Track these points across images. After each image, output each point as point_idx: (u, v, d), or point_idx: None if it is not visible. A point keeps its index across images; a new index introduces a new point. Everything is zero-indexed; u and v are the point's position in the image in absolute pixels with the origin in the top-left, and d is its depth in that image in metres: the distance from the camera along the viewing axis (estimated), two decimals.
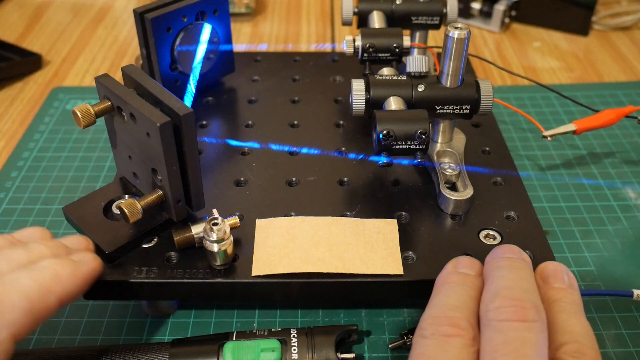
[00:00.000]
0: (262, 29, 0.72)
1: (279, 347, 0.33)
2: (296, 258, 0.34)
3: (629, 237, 0.43)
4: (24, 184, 0.48)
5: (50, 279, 0.28)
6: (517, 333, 0.26)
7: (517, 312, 0.26)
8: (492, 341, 0.26)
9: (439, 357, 0.26)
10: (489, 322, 0.27)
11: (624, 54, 0.66)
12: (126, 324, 0.38)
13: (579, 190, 0.47)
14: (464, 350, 0.26)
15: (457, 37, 0.36)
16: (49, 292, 0.28)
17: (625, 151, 0.51)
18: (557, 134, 0.44)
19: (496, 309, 0.27)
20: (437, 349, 0.26)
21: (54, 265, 0.29)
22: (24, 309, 0.27)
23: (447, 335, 0.27)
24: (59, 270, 0.29)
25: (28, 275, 0.28)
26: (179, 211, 0.35)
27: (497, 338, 0.26)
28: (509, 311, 0.26)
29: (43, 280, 0.28)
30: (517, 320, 0.26)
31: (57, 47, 0.67)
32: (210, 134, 0.46)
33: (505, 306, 0.27)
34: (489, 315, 0.27)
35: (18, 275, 0.28)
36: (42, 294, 0.28)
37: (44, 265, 0.29)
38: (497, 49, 0.67)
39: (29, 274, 0.28)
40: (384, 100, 0.38)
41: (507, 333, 0.26)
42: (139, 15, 0.42)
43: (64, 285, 0.29)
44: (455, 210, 0.38)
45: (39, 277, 0.28)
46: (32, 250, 0.30)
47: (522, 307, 0.26)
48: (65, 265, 0.29)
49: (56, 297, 0.28)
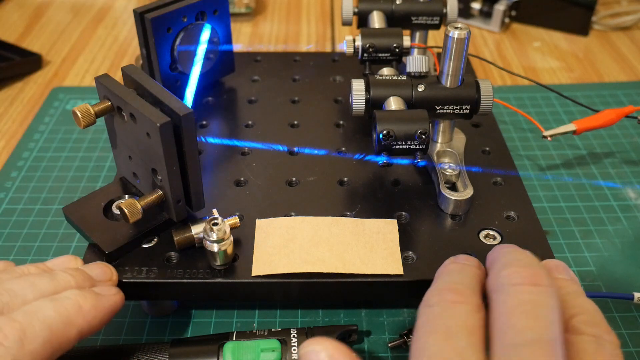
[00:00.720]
0: (262, 29, 0.72)
1: (279, 347, 0.33)
2: (296, 258, 0.34)
3: (629, 237, 0.43)
4: (24, 184, 0.48)
5: (73, 311, 0.29)
6: (530, 296, 0.25)
7: (530, 277, 0.26)
8: (505, 304, 0.25)
9: (446, 321, 0.26)
10: (500, 287, 0.26)
11: (624, 54, 0.66)
12: (126, 324, 0.38)
13: (579, 190, 0.47)
14: (470, 316, 0.26)
15: (457, 37, 0.36)
16: (71, 323, 0.28)
17: (625, 151, 0.51)
18: (557, 134, 0.44)
19: (508, 274, 0.26)
20: (443, 314, 0.26)
21: (76, 297, 0.29)
22: (45, 339, 0.27)
23: (452, 302, 0.26)
24: (82, 302, 0.29)
25: (51, 305, 0.28)
26: (179, 211, 0.35)
27: (510, 300, 0.25)
28: (522, 275, 0.26)
29: (65, 311, 0.28)
30: (530, 284, 0.25)
31: (57, 47, 0.67)
32: (210, 134, 0.46)
33: (517, 272, 0.26)
34: (501, 281, 0.26)
35: (41, 305, 0.28)
36: (64, 325, 0.28)
37: (67, 296, 0.29)
38: (497, 49, 0.67)
39: (52, 304, 0.28)
40: (384, 100, 0.38)
41: (521, 296, 0.25)
42: (139, 15, 0.42)
43: (86, 318, 0.29)
44: (455, 210, 0.38)
45: (61, 308, 0.28)
46: (58, 279, 0.30)
47: (534, 272, 0.26)
48: (88, 298, 0.30)
49: (77, 329, 0.28)
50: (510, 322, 0.24)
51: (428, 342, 0.25)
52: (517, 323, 0.24)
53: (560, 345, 0.24)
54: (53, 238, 0.43)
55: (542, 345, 0.23)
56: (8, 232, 0.44)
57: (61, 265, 0.33)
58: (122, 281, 0.34)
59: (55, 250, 0.42)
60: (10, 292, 0.28)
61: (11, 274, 0.31)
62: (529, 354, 0.23)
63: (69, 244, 0.43)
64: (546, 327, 0.24)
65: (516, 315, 0.24)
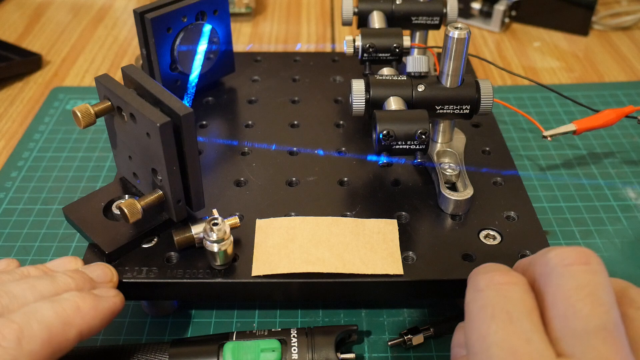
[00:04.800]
0: (262, 29, 0.72)
1: (279, 347, 0.33)
2: (296, 258, 0.34)
3: (629, 237, 0.43)
4: (24, 184, 0.48)
5: (72, 312, 0.28)
6: (586, 277, 0.24)
7: (580, 256, 0.25)
8: (562, 287, 0.24)
9: (504, 305, 0.24)
10: (552, 270, 0.25)
11: (624, 54, 0.66)
12: (126, 324, 0.38)
13: (579, 190, 0.47)
14: (525, 296, 0.25)
15: (457, 37, 0.36)
16: (69, 324, 0.28)
17: (625, 151, 0.51)
18: (557, 134, 0.44)
19: (557, 255, 0.25)
20: (498, 298, 0.25)
21: (76, 298, 0.29)
22: (43, 339, 0.27)
23: (503, 284, 0.25)
24: (80, 303, 0.29)
25: (50, 306, 0.28)
26: (179, 211, 0.35)
27: (566, 283, 0.24)
28: (572, 256, 0.25)
29: (64, 312, 0.28)
30: (582, 264, 0.25)
31: (57, 47, 0.67)
32: (210, 134, 0.46)
33: (566, 252, 0.25)
34: (551, 263, 0.25)
35: (40, 306, 0.28)
36: (63, 326, 0.28)
37: (66, 297, 0.29)
38: (497, 49, 0.67)
39: (51, 305, 0.28)
40: (384, 100, 0.38)
41: (577, 277, 0.24)
42: (139, 15, 0.42)
43: (85, 319, 0.29)
44: (455, 210, 0.38)
45: (59, 309, 0.28)
46: (57, 281, 0.30)
47: (582, 251, 0.25)
48: (88, 299, 0.29)
49: (76, 330, 0.28)
50: (574, 308, 0.24)
51: (491, 329, 0.24)
52: (582, 309, 0.23)
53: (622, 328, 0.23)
54: (53, 238, 0.43)
55: (608, 332, 0.23)
56: (8, 232, 0.44)
57: (61, 266, 0.33)
58: (122, 281, 0.34)
59: (55, 250, 0.42)
60: (10, 295, 0.28)
61: (12, 275, 0.31)
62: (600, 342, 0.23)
63: (69, 244, 0.43)
64: (608, 312, 0.23)
65: (579, 300, 0.24)
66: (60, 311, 0.28)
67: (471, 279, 0.27)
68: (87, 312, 0.29)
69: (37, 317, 0.27)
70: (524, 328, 0.24)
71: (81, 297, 0.29)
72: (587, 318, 0.23)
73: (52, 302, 0.28)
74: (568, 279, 0.25)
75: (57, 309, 0.28)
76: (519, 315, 0.24)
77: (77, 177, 0.49)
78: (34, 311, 0.28)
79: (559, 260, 0.25)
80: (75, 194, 0.47)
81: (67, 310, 0.28)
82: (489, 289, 0.26)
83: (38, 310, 0.28)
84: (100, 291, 0.31)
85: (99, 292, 0.31)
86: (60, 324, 0.28)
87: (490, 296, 0.25)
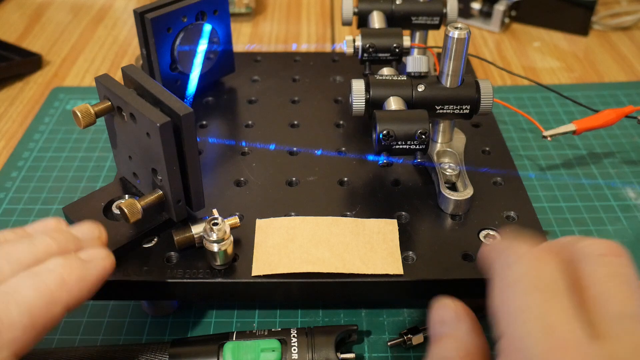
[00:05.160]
0: (262, 29, 0.72)
1: (279, 347, 0.33)
2: (296, 258, 0.34)
3: (629, 237, 0.43)
4: (24, 184, 0.48)
5: (55, 287, 0.25)
6: (619, 268, 0.24)
7: (613, 249, 0.24)
8: (598, 272, 0.24)
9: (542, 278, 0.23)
10: (586, 257, 0.24)
11: (624, 54, 0.66)
12: (126, 324, 0.38)
13: (579, 190, 0.47)
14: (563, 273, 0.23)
15: (457, 37, 0.36)
16: (54, 302, 0.25)
17: (625, 151, 0.51)
18: (557, 134, 0.44)
19: (589, 245, 0.25)
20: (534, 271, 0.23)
21: (59, 269, 0.26)
22: (25, 325, 0.24)
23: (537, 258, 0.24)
24: (65, 275, 0.26)
25: (30, 283, 0.25)
26: (179, 211, 0.35)
27: (602, 270, 0.24)
28: (603, 246, 0.25)
29: (47, 288, 0.25)
30: (614, 255, 0.24)
31: (57, 47, 0.67)
32: (210, 134, 0.46)
33: (597, 243, 0.25)
34: (584, 251, 0.25)
35: (19, 284, 0.25)
36: (46, 306, 0.25)
37: (50, 268, 0.26)
38: (497, 49, 0.67)
39: (31, 281, 0.25)
40: (384, 100, 0.38)
41: (610, 266, 0.24)
42: (139, 15, 0.42)
43: (71, 292, 0.26)
44: (455, 210, 0.38)
45: (42, 286, 0.25)
46: (37, 245, 0.27)
47: (611, 244, 0.25)
48: (74, 268, 0.26)
49: (62, 306, 0.26)
50: (611, 292, 0.23)
51: (529, 303, 0.23)
52: (619, 294, 0.23)
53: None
54: None
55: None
56: None
57: (42, 228, 0.29)
58: (122, 280, 0.34)
59: None
60: None
61: None
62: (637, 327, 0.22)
63: None
64: None
65: (616, 286, 0.23)
66: (43, 288, 0.25)
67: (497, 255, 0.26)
68: (73, 284, 0.26)
69: (16, 300, 0.24)
70: (564, 305, 0.22)
71: (66, 265, 0.26)
72: (623, 303, 0.23)
73: (32, 276, 0.25)
74: (603, 266, 0.24)
75: (39, 286, 0.25)
76: (558, 292, 0.23)
77: (77, 177, 0.49)
78: (13, 291, 0.25)
79: (593, 249, 0.25)
80: (75, 194, 0.47)
81: (51, 286, 0.25)
82: (522, 262, 0.24)
83: (17, 289, 0.25)
84: (87, 253, 0.28)
85: (86, 256, 0.28)
86: (43, 304, 0.25)
87: (524, 270, 0.24)
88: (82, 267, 0.27)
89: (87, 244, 0.29)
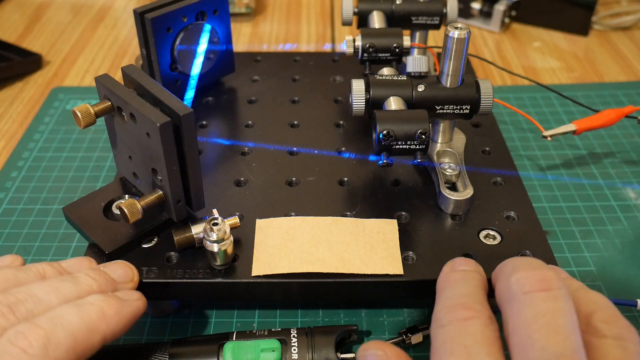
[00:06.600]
0: (262, 29, 0.72)
1: (279, 347, 0.33)
2: (296, 258, 0.34)
3: (629, 237, 0.43)
4: (24, 184, 0.48)
5: (97, 317, 0.28)
6: (545, 304, 0.25)
7: (541, 282, 0.25)
8: (521, 316, 0.25)
9: (464, 340, 0.25)
10: (512, 297, 0.26)
11: (624, 54, 0.66)
12: None
13: (579, 190, 0.47)
14: (485, 330, 0.25)
15: (457, 37, 0.36)
16: (94, 330, 0.28)
17: (625, 151, 0.51)
18: (557, 134, 0.44)
19: (517, 281, 0.26)
20: (458, 333, 0.26)
21: (100, 303, 0.29)
22: (69, 347, 0.26)
23: (464, 319, 0.26)
24: (105, 308, 0.28)
25: (75, 311, 0.28)
26: (179, 211, 0.35)
27: (526, 312, 0.25)
28: (532, 282, 0.25)
29: (89, 318, 0.28)
30: (542, 290, 0.25)
31: (57, 47, 0.67)
32: (210, 134, 0.46)
33: (527, 277, 0.26)
34: (512, 289, 0.26)
35: (65, 311, 0.27)
36: (88, 332, 0.27)
37: (91, 302, 0.28)
38: (497, 49, 0.67)
39: (76, 310, 0.28)
40: (384, 100, 0.38)
41: (536, 305, 0.25)
42: (139, 15, 0.42)
43: (109, 325, 0.28)
44: (455, 210, 0.38)
45: (85, 315, 0.28)
46: (80, 283, 0.30)
47: (544, 277, 0.25)
48: (112, 304, 0.29)
49: (101, 336, 0.28)
50: (532, 338, 0.24)
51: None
52: (539, 338, 0.24)
53: (583, 353, 0.24)
54: (53, 238, 0.43)
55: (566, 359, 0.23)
56: (8, 232, 0.44)
57: (77, 266, 0.32)
58: None
59: (55, 250, 0.42)
60: (35, 298, 0.28)
61: (27, 274, 0.30)
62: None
63: (69, 244, 0.43)
64: (567, 338, 0.24)
65: (536, 330, 0.24)
66: (86, 317, 0.28)
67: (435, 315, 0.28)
68: (111, 317, 0.29)
69: (62, 323, 0.27)
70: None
71: (106, 301, 0.29)
72: (542, 349, 0.24)
73: (77, 306, 0.28)
74: (527, 307, 0.25)
75: (83, 315, 0.28)
76: (477, 350, 0.25)
77: (77, 177, 0.49)
78: (59, 316, 0.27)
79: (519, 288, 0.26)
80: (75, 194, 0.47)
81: (92, 316, 0.28)
82: (450, 325, 0.26)
83: (63, 315, 0.27)
84: (123, 294, 0.31)
85: (123, 295, 0.30)
86: (85, 330, 0.27)
87: (451, 332, 0.26)
88: (119, 304, 0.30)
89: (122, 287, 0.32)
